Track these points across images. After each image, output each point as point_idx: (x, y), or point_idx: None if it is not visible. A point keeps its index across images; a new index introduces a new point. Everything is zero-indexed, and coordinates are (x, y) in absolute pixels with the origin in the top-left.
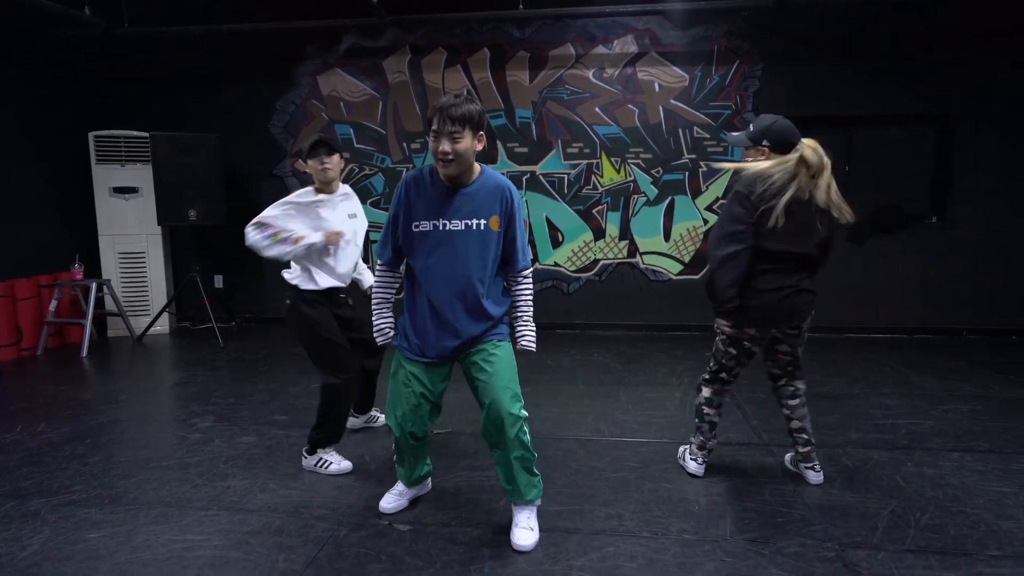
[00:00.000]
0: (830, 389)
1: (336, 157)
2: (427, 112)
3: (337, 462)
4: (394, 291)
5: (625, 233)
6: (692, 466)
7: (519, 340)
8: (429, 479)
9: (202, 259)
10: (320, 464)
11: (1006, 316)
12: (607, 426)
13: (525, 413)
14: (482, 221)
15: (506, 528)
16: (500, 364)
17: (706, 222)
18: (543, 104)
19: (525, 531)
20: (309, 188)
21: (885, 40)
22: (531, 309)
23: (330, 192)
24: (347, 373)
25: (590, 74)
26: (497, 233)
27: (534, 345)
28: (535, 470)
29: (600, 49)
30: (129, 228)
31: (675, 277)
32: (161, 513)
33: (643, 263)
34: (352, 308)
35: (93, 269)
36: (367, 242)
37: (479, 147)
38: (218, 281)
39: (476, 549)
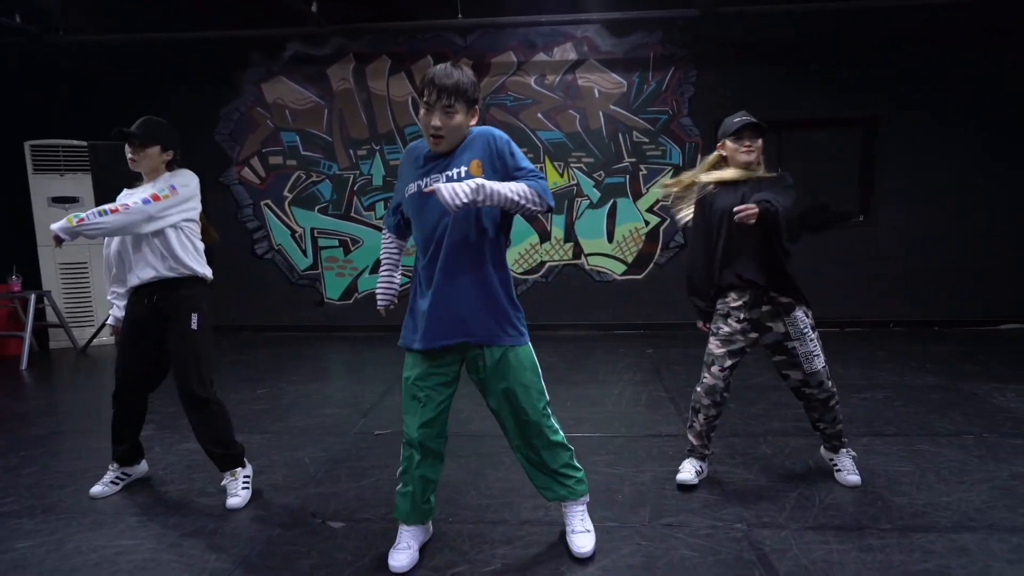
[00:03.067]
0: (759, 382)
1: (152, 150)
2: (417, 82)
3: (104, 481)
4: (396, 254)
5: (570, 235)
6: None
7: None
8: (431, 521)
9: None
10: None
11: (929, 308)
12: None
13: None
14: (462, 169)
15: (433, 518)
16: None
17: (647, 223)
18: (487, 110)
19: (583, 534)
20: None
21: (811, 47)
22: (510, 190)
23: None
24: (119, 384)
25: (532, 81)
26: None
27: (450, 192)
28: (577, 463)
29: (541, 56)
30: None
31: (619, 277)
32: (94, 521)
33: (588, 264)
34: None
35: (33, 280)
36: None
37: (473, 122)
38: None
39: None
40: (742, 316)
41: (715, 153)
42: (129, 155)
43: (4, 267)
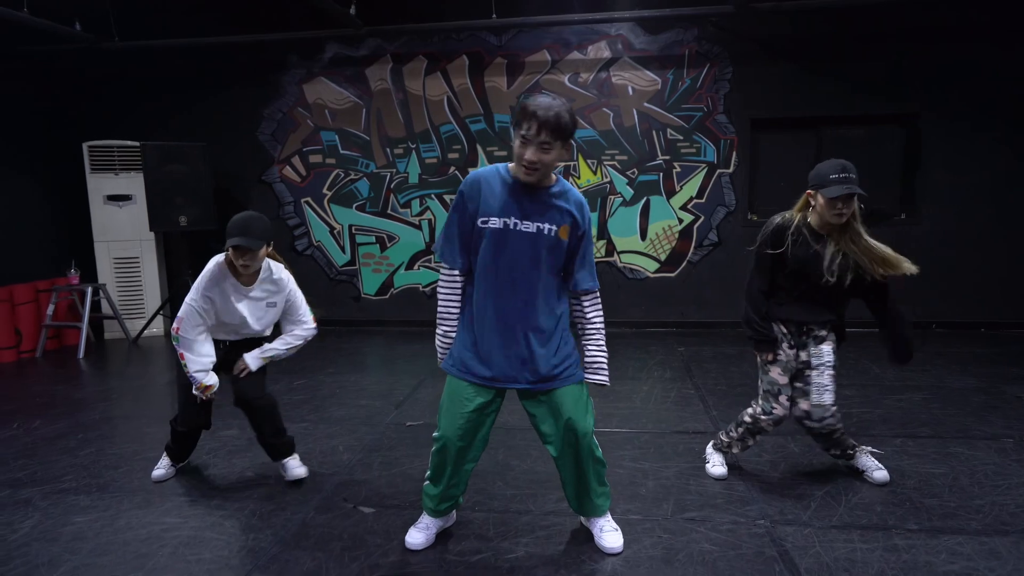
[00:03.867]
0: None
1: (262, 251)
2: (515, 109)
3: (162, 467)
4: (459, 299)
5: (603, 233)
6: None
7: (590, 372)
8: (454, 510)
9: (194, 263)
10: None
11: (973, 309)
12: None
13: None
14: (554, 227)
15: (462, 507)
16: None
17: (681, 221)
18: None
19: (612, 533)
20: (221, 263)
21: (850, 42)
22: (603, 337)
23: (247, 282)
24: (185, 427)
25: (566, 79)
26: (564, 243)
27: (607, 379)
28: (606, 480)
29: (575, 55)
30: (123, 234)
31: (651, 275)
32: (144, 500)
33: (620, 262)
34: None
35: (89, 274)
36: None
37: (566, 156)
38: None
39: None
40: (792, 342)
41: (804, 198)
42: (241, 262)
43: (63, 261)
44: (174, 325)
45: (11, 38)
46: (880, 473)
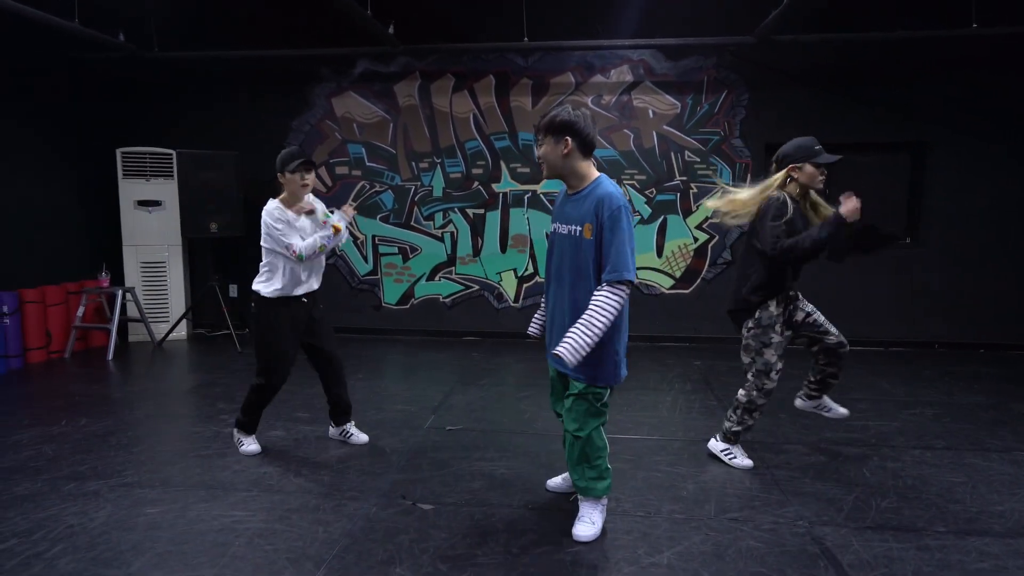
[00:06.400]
0: None
1: (314, 174)
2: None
3: (247, 444)
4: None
5: None
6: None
7: (561, 342)
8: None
9: (219, 269)
10: (236, 441)
11: (974, 330)
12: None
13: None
14: (577, 228)
15: (516, 505)
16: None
17: (696, 240)
18: None
19: (583, 524)
20: (277, 204)
21: (861, 73)
22: (594, 321)
23: (300, 205)
24: (271, 379)
25: (589, 100)
26: (589, 241)
27: (565, 352)
28: (598, 465)
29: (598, 78)
30: (151, 239)
31: (667, 291)
32: (208, 494)
33: (637, 278)
34: (314, 310)
35: (116, 277)
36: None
37: (565, 151)
38: (233, 290)
39: (490, 523)
40: (782, 321)
41: (782, 174)
42: (307, 180)
43: (93, 264)
44: (292, 252)
45: (62, 46)
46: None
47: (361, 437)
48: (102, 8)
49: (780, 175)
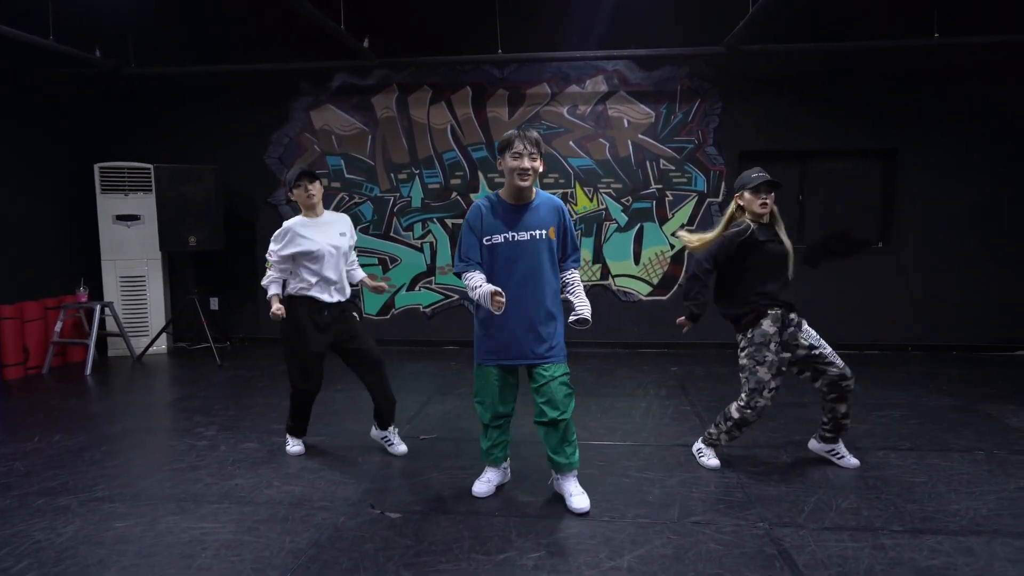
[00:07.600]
0: (779, 399)
1: (318, 183)
2: (500, 142)
3: (290, 445)
4: (482, 277)
5: (598, 257)
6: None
7: (577, 311)
8: (507, 466)
9: (199, 282)
10: (286, 443)
11: (946, 333)
12: (578, 431)
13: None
14: (543, 232)
15: (483, 512)
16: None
17: (672, 247)
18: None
19: (580, 496)
20: (297, 217)
21: (833, 82)
22: (582, 286)
23: (315, 216)
24: (305, 384)
25: (564, 111)
26: (553, 241)
27: (589, 314)
28: (574, 440)
29: (573, 88)
30: (130, 253)
31: (644, 298)
32: (178, 506)
33: (615, 285)
34: (343, 317)
35: (95, 292)
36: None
37: (542, 168)
38: (214, 303)
39: (456, 530)
40: (777, 340)
41: (733, 205)
42: (311, 191)
43: (71, 279)
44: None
45: (36, 63)
46: (855, 460)
47: (399, 448)
48: (79, 26)
49: (731, 206)
